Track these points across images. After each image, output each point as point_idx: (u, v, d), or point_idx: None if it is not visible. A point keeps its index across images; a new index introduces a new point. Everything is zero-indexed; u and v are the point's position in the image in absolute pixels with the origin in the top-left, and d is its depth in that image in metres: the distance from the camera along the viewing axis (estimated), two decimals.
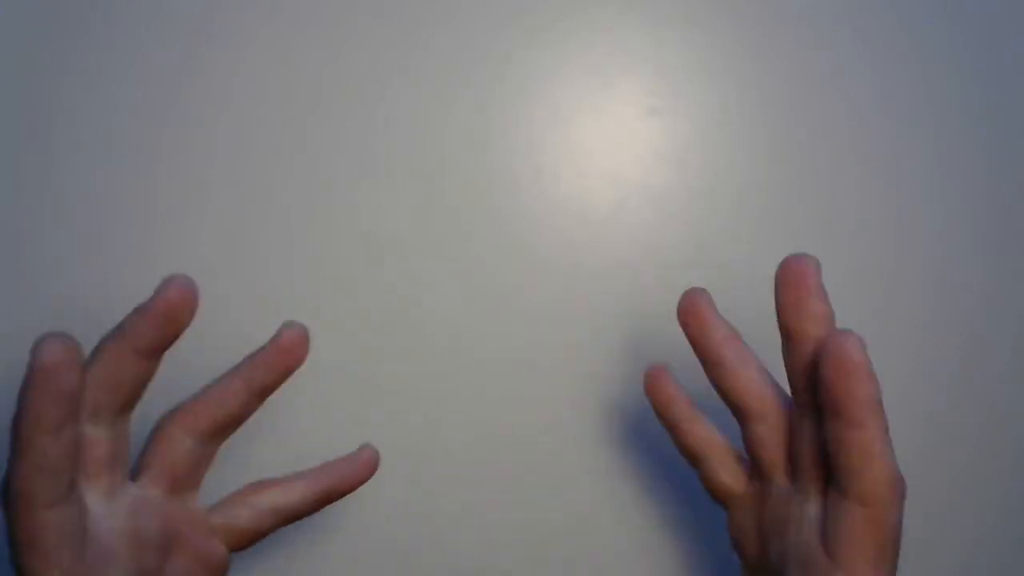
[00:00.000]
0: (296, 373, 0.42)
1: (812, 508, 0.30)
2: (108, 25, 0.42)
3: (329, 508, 0.41)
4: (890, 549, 0.29)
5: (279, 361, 0.32)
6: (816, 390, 0.30)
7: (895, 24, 0.44)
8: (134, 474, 0.32)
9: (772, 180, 0.43)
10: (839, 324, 0.43)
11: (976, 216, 0.44)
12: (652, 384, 0.34)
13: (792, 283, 0.30)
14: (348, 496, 0.41)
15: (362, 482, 0.34)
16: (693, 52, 0.43)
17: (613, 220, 0.43)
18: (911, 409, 0.43)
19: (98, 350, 0.30)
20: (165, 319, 0.30)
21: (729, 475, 0.33)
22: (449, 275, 0.42)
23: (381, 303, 0.42)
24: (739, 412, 0.32)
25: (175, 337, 0.30)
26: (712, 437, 0.33)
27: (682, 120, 0.43)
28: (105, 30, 0.42)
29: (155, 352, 0.30)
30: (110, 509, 0.31)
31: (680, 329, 0.43)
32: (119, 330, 0.30)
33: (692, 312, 0.32)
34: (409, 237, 0.42)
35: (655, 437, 0.42)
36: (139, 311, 0.30)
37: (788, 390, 0.44)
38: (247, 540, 0.33)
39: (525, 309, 0.42)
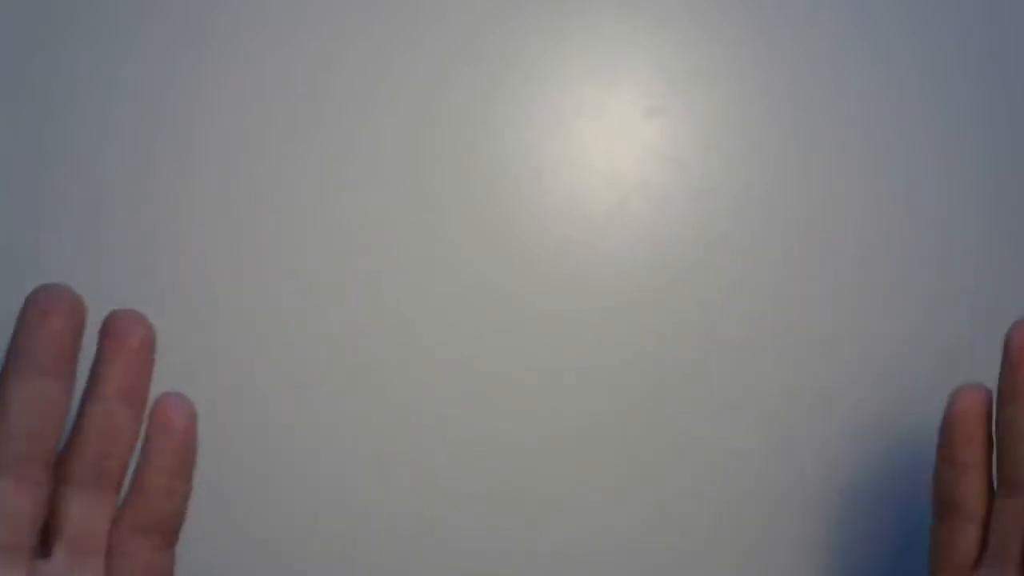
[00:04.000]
0: (291, 376, 0.41)
1: None
2: (106, 24, 0.42)
3: (326, 518, 0.41)
4: None
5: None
6: None
7: (897, 23, 0.44)
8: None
9: (773, 180, 0.43)
10: (843, 325, 0.43)
11: (980, 216, 0.43)
12: (963, 410, 0.31)
13: None
14: (344, 505, 0.41)
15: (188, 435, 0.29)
16: (693, 52, 0.43)
17: (613, 220, 0.43)
18: (909, 412, 0.43)
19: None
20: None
21: (969, 546, 0.30)
22: (447, 276, 0.42)
23: (377, 305, 0.42)
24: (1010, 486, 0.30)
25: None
26: (985, 497, 0.31)
27: (682, 120, 0.43)
28: (103, 29, 0.42)
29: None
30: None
31: (685, 330, 0.43)
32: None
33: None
34: (407, 237, 0.42)
35: (655, 439, 0.42)
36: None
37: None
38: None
39: (524, 309, 0.42)
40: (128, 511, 0.28)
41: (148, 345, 0.28)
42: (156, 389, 0.41)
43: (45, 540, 0.28)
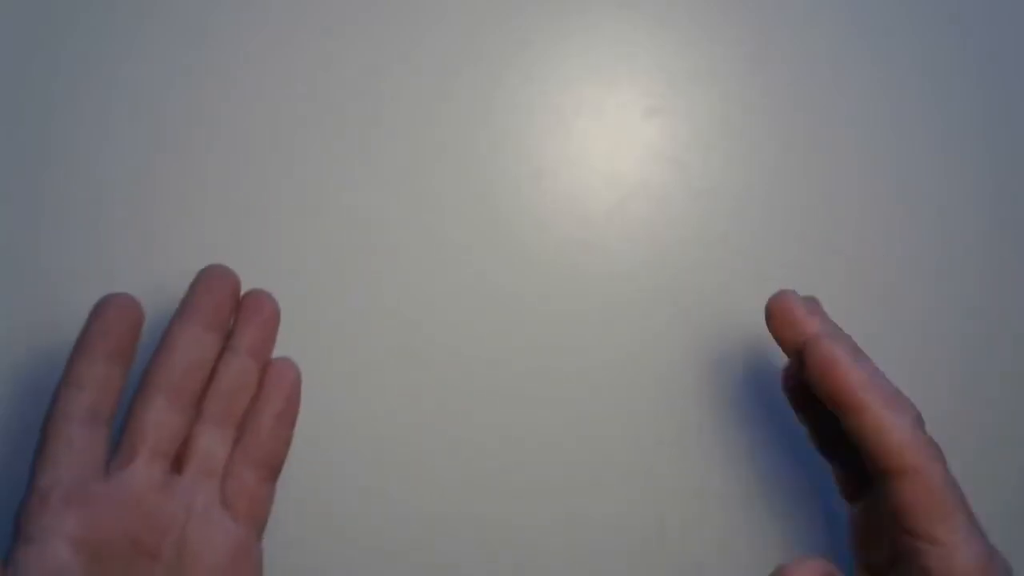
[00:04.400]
0: (303, 381, 0.41)
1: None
2: (106, 24, 0.42)
3: (329, 515, 0.41)
4: (956, 502, 0.30)
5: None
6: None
7: (897, 23, 0.44)
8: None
9: (773, 180, 0.43)
10: (841, 325, 0.43)
11: (981, 217, 0.43)
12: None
13: (780, 314, 0.32)
14: (344, 503, 0.41)
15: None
16: (693, 52, 0.43)
17: (613, 220, 0.43)
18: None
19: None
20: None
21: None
22: (447, 276, 0.42)
23: (378, 304, 0.42)
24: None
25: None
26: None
27: (682, 120, 0.43)
28: (103, 29, 0.42)
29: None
30: (165, 490, 0.33)
31: (685, 330, 0.43)
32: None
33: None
34: (407, 237, 0.42)
35: (655, 439, 0.42)
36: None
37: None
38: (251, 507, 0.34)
39: (524, 309, 0.42)
40: (242, 445, 0.34)
41: (275, 317, 0.36)
42: None
43: (178, 460, 0.34)
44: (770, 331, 0.33)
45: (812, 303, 0.34)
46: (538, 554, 0.42)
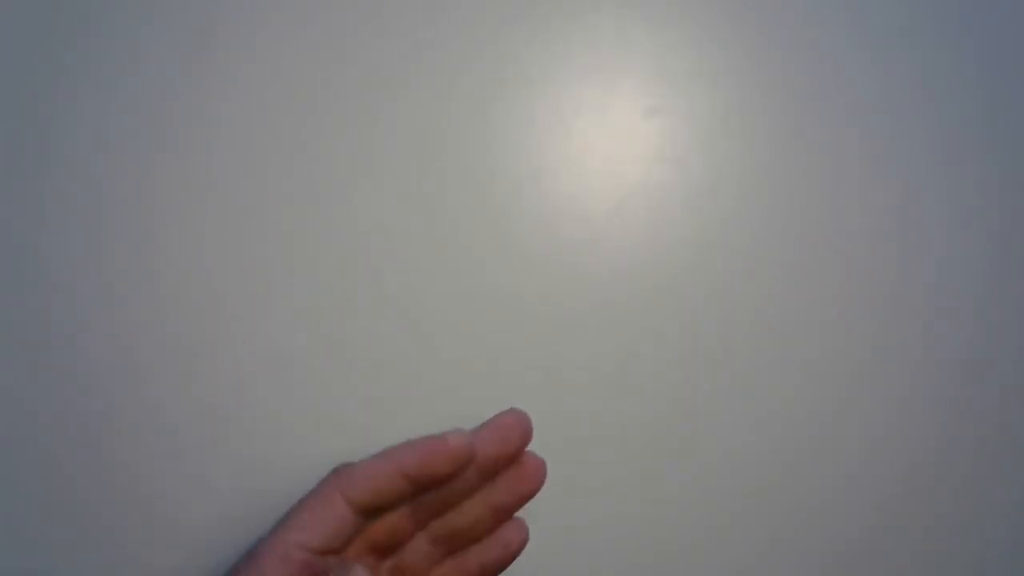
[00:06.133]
0: (292, 375, 0.41)
1: None
2: (107, 24, 0.42)
3: None
4: None
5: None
6: None
7: (897, 23, 0.44)
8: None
9: (773, 180, 0.43)
10: (842, 325, 0.43)
11: (980, 217, 0.43)
12: None
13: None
14: None
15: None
16: (693, 52, 0.43)
17: (613, 220, 0.43)
18: (911, 413, 0.43)
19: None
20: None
21: None
22: (447, 275, 0.42)
23: (379, 303, 0.42)
24: None
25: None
26: None
27: (682, 120, 0.43)
28: (104, 29, 0.42)
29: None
30: None
31: (685, 330, 0.43)
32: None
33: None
34: (407, 237, 0.42)
35: (654, 439, 0.42)
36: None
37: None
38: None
39: (524, 309, 0.42)
40: (442, 567, 0.37)
41: (536, 490, 0.37)
42: (154, 388, 0.41)
43: (384, 553, 0.36)
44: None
45: None
46: (538, 554, 0.42)
